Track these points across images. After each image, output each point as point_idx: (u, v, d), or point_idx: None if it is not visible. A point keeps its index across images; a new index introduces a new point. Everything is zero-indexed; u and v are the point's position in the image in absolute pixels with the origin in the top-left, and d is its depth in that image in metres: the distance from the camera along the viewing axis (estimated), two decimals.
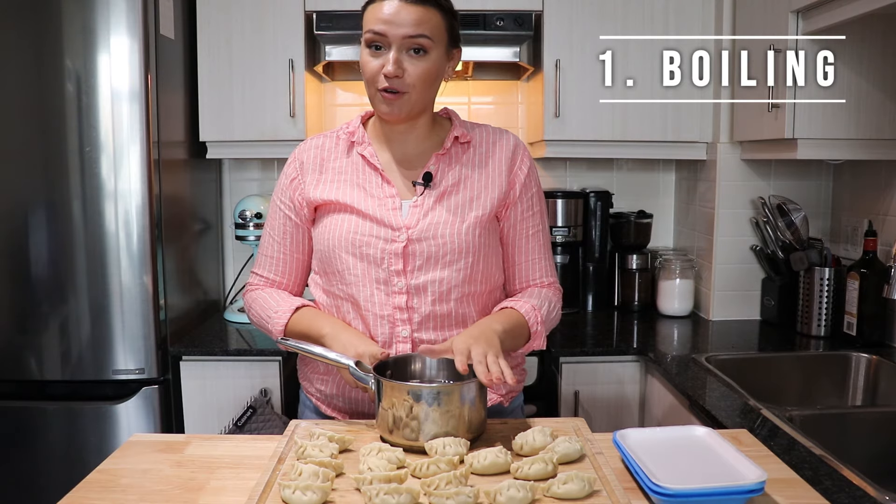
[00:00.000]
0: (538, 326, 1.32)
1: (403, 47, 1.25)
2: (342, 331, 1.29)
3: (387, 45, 1.25)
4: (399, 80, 1.25)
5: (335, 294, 1.35)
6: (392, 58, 1.24)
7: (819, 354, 2.00)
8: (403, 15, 1.23)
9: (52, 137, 1.97)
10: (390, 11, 1.23)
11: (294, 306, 1.36)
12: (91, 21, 1.94)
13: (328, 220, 1.33)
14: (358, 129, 1.37)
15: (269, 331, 1.37)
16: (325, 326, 1.30)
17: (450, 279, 1.30)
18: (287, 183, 1.38)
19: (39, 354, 2.02)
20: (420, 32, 1.24)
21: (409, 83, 1.26)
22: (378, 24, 1.24)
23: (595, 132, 2.28)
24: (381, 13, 1.24)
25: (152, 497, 1.01)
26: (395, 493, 0.93)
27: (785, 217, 2.18)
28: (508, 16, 2.24)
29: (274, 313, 1.35)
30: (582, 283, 2.56)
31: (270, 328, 1.36)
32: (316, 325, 1.32)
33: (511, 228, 1.38)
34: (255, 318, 1.41)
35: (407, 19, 1.23)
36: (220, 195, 2.65)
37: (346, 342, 1.26)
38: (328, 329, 1.30)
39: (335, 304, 1.36)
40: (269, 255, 1.42)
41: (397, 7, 1.23)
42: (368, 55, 1.27)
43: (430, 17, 1.25)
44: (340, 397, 1.38)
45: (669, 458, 1.03)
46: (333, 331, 1.29)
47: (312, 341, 1.31)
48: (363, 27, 1.28)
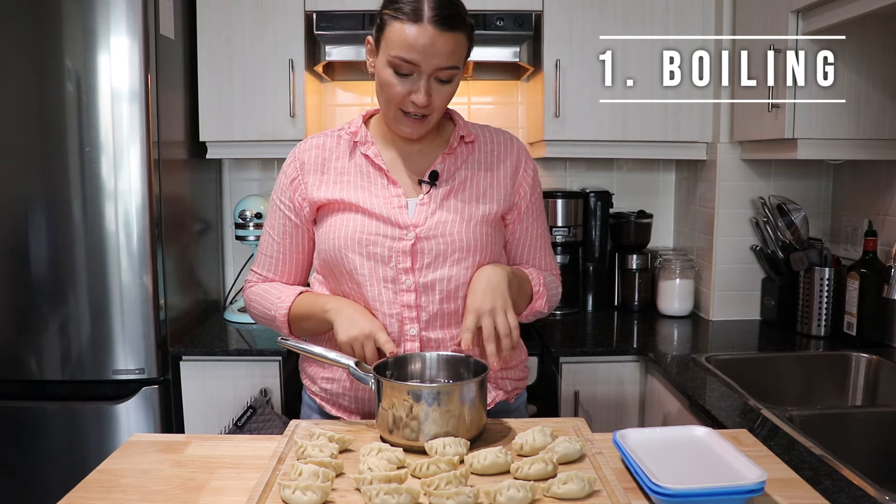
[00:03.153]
0: (541, 287, 1.38)
1: (434, 77, 1.23)
2: (346, 305, 1.29)
3: (416, 72, 1.22)
4: (427, 107, 1.25)
5: (342, 293, 1.34)
6: (423, 87, 1.22)
7: (819, 354, 2.00)
8: (438, 46, 1.19)
9: (52, 137, 1.97)
10: (425, 42, 1.18)
11: (298, 291, 1.36)
12: (91, 21, 1.94)
13: (333, 220, 1.32)
14: (360, 128, 1.36)
15: (272, 318, 1.36)
16: (328, 302, 1.30)
17: (458, 277, 1.30)
18: (287, 183, 1.37)
19: (39, 354, 2.02)
20: (452, 64, 1.22)
21: (434, 107, 1.26)
22: (410, 53, 1.19)
23: (595, 132, 2.29)
24: (413, 40, 1.19)
25: (152, 497, 1.01)
26: (395, 493, 0.93)
27: (785, 217, 2.18)
28: (508, 16, 2.23)
29: (277, 299, 1.36)
30: (582, 283, 2.57)
31: (274, 314, 1.35)
32: (319, 302, 1.32)
33: (520, 231, 1.41)
34: (258, 311, 1.41)
35: (441, 50, 1.19)
36: (220, 195, 2.65)
37: (351, 316, 1.26)
38: (331, 304, 1.29)
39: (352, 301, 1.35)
40: (268, 254, 1.42)
41: (432, 36, 1.18)
42: (392, 77, 1.23)
43: (460, 44, 1.23)
44: (347, 396, 1.37)
45: (669, 458, 1.03)
46: (337, 305, 1.29)
47: (316, 320, 1.31)
48: (384, 42, 1.23)
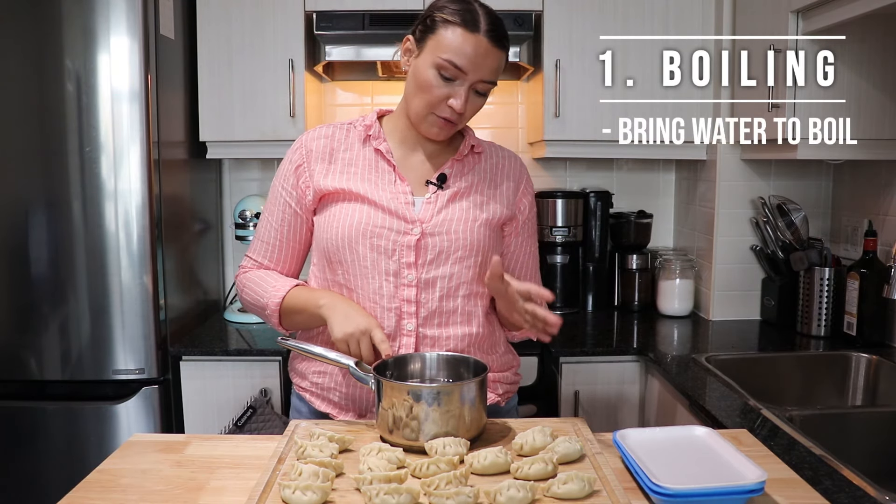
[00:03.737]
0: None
1: (475, 87, 1.26)
2: (340, 301, 1.28)
3: (459, 79, 1.25)
4: (461, 115, 1.28)
5: (341, 284, 1.32)
6: (463, 94, 1.25)
7: (819, 354, 2.00)
8: (489, 59, 1.23)
9: (52, 137, 1.97)
10: (478, 52, 1.22)
11: (293, 283, 1.35)
12: (91, 21, 1.94)
13: (336, 210, 1.32)
14: (374, 123, 1.37)
15: (263, 306, 1.34)
16: (322, 297, 1.29)
17: (459, 275, 1.31)
18: (291, 169, 1.36)
19: (39, 354, 2.02)
20: (493, 79, 1.27)
21: (466, 116, 1.30)
22: (461, 59, 1.22)
23: (595, 132, 2.29)
24: (467, 48, 1.22)
25: (152, 497, 1.01)
26: (395, 493, 0.93)
27: (785, 217, 2.18)
28: (508, 16, 2.23)
29: (272, 288, 1.34)
30: (582, 283, 2.57)
31: (266, 302, 1.33)
32: (314, 297, 1.30)
33: (515, 244, 1.43)
34: (249, 297, 1.38)
35: (489, 64, 1.24)
36: (220, 195, 2.65)
37: (346, 312, 1.25)
38: (326, 300, 1.28)
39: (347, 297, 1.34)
40: (264, 240, 1.40)
41: (486, 49, 1.23)
42: (436, 78, 1.25)
43: (503, 62, 1.28)
44: (337, 392, 1.36)
45: (669, 458, 1.03)
46: (332, 301, 1.28)
47: (309, 314, 1.30)
48: (433, 43, 1.24)
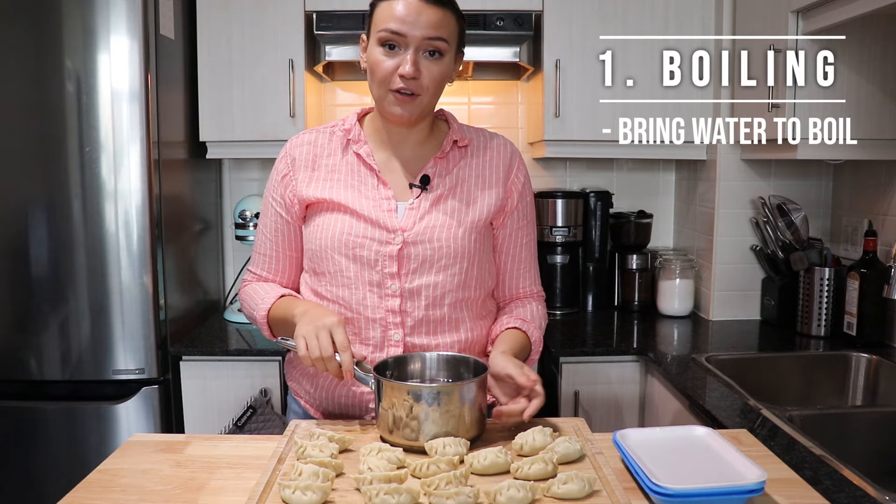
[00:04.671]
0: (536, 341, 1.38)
1: (421, 48, 1.22)
2: (312, 307, 1.26)
3: (403, 46, 1.22)
4: (415, 81, 1.23)
5: (324, 296, 1.32)
6: (410, 58, 1.21)
7: (819, 354, 2.00)
8: (424, 16, 1.21)
9: (52, 137, 1.97)
10: (409, 11, 1.20)
11: (279, 294, 1.34)
12: (91, 21, 1.94)
13: (320, 220, 1.31)
14: (354, 126, 1.34)
15: (254, 318, 1.36)
16: (299, 307, 1.27)
17: (444, 284, 1.29)
18: (278, 179, 1.35)
19: (39, 354, 2.02)
20: (439, 35, 1.22)
21: (424, 85, 1.24)
22: (396, 23, 1.21)
23: (595, 132, 2.28)
24: (399, 12, 1.21)
25: (152, 497, 1.01)
26: (395, 493, 0.93)
27: (785, 217, 2.18)
28: (508, 16, 2.24)
29: (261, 300, 1.34)
30: (582, 283, 2.57)
31: (255, 315, 1.34)
32: (293, 305, 1.29)
33: (506, 237, 1.38)
34: (245, 310, 1.40)
35: (427, 21, 1.21)
36: (220, 195, 2.65)
37: (312, 315, 1.21)
38: (300, 309, 1.26)
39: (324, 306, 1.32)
40: (261, 252, 1.40)
41: (417, 7, 1.21)
42: (381, 54, 1.23)
43: (447, 20, 1.24)
44: (327, 400, 1.35)
45: (669, 458, 1.03)
46: (305, 308, 1.25)
47: (289, 324, 1.27)
48: (373, 25, 1.25)
